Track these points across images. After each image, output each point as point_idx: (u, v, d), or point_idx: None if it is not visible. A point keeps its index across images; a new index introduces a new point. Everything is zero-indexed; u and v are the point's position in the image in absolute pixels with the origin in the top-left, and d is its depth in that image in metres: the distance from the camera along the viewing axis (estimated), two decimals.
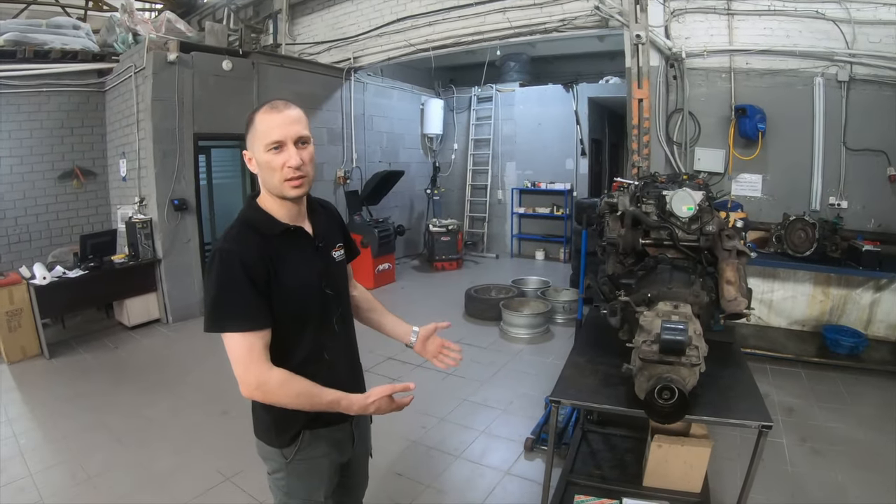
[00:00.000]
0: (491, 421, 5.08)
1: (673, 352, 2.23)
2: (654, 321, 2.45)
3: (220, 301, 1.85)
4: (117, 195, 9.34)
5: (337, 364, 2.15)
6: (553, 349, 6.85)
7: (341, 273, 2.29)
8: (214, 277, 1.85)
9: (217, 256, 1.87)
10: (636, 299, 2.69)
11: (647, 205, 3.07)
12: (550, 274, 10.47)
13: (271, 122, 1.90)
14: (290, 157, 1.88)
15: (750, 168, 7.18)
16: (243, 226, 1.97)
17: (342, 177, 10.88)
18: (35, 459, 4.53)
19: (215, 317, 1.85)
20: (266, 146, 1.89)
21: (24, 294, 6.90)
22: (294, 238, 2.03)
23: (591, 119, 12.49)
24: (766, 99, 7.02)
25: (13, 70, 8.35)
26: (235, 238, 1.92)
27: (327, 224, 2.24)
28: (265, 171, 1.92)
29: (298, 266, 2.01)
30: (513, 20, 8.28)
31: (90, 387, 6.03)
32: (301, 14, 11.35)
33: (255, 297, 1.85)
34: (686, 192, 2.92)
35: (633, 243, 3.04)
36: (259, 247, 1.90)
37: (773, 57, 6.98)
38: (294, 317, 1.98)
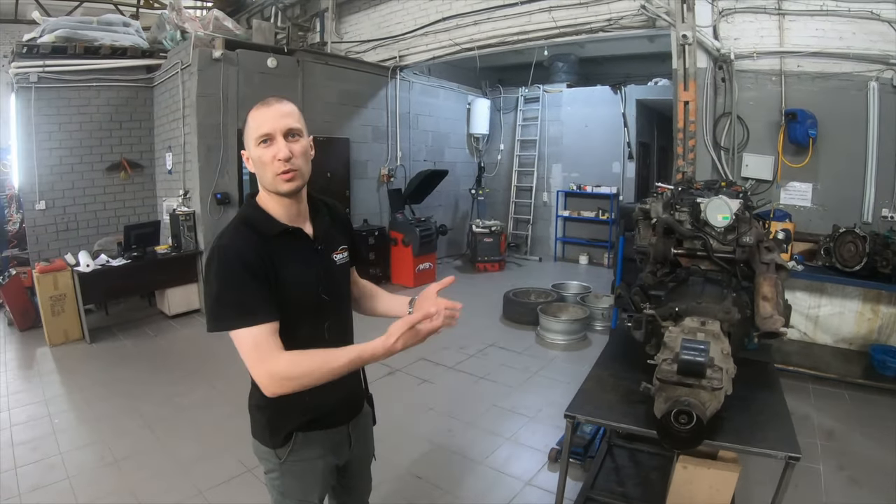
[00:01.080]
0: (518, 428, 4.97)
1: (692, 373, 2.10)
2: (676, 338, 2.33)
3: (223, 298, 1.79)
4: (163, 188, 9.53)
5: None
6: (589, 357, 6.59)
7: (342, 277, 2.21)
8: (214, 274, 1.81)
9: (215, 253, 1.83)
10: (662, 313, 2.56)
11: (681, 212, 2.93)
12: (593, 279, 10.27)
13: (261, 117, 1.87)
14: (279, 150, 1.84)
15: (799, 176, 6.89)
16: (241, 224, 1.93)
17: (386, 175, 10.87)
18: (66, 439, 4.70)
19: (219, 315, 1.79)
20: (256, 140, 1.86)
21: (68, 280, 7.16)
22: (292, 239, 1.97)
23: (639, 122, 12.25)
24: (817, 104, 6.72)
25: (64, 65, 8.59)
26: (233, 235, 1.88)
27: (331, 225, 2.17)
28: (258, 166, 1.90)
29: (295, 268, 1.95)
30: (558, 20, 8.17)
31: (127, 373, 6.18)
32: (348, 13, 11.38)
33: (256, 289, 1.80)
34: (722, 200, 2.78)
35: (664, 253, 2.91)
36: (257, 245, 1.86)
37: (825, 59, 6.69)
38: (286, 318, 1.88)
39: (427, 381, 5.94)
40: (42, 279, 7.02)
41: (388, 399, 5.22)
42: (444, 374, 6.14)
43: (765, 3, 6.83)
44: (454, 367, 6.29)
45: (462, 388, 5.79)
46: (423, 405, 5.35)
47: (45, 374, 6.27)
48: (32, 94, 8.38)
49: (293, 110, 1.93)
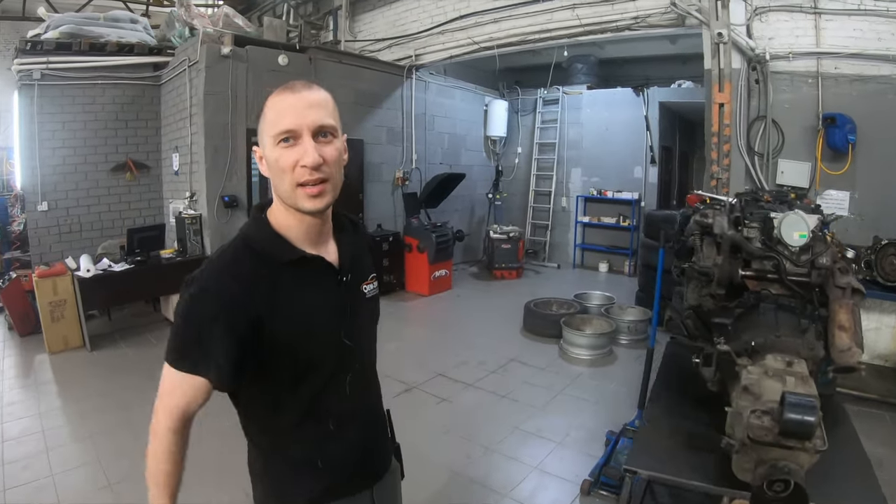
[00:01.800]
0: (544, 455, 4.58)
1: (799, 436, 1.72)
2: (762, 382, 1.96)
3: (181, 336, 1.43)
4: (170, 189, 9.26)
5: (345, 435, 1.66)
6: (616, 374, 6.31)
7: (371, 315, 1.81)
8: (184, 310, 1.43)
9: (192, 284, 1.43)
10: (737, 347, 2.18)
11: (750, 228, 2.56)
12: (614, 288, 9.89)
13: (284, 106, 1.43)
14: (305, 153, 1.41)
15: (837, 184, 6.58)
16: (240, 249, 1.51)
17: (401, 178, 10.59)
18: (59, 459, 4.43)
19: (169, 349, 1.44)
20: (275, 137, 1.42)
21: (68, 285, 6.92)
22: (309, 269, 1.54)
23: (662, 125, 11.88)
24: (855, 107, 6.44)
25: (68, 62, 8.36)
26: (224, 267, 1.47)
27: (357, 246, 1.74)
28: (275, 171, 1.45)
29: (310, 307, 1.53)
30: (582, 17, 7.87)
31: (125, 384, 5.90)
32: (362, 10, 11.17)
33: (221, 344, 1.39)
34: (799, 216, 2.41)
35: (731, 275, 2.52)
36: (255, 279, 1.44)
37: (863, 61, 6.41)
38: (290, 369, 1.52)
39: (445, 399, 5.58)
40: (41, 284, 6.77)
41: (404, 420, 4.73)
42: (462, 392, 5.78)
43: (801, 1, 6.57)
44: (473, 384, 5.93)
45: (482, 408, 5.42)
46: (440, 427, 4.99)
47: (41, 383, 6.04)
48: (35, 92, 8.12)
49: (327, 100, 1.49)
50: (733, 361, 2.14)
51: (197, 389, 1.44)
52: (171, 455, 1.50)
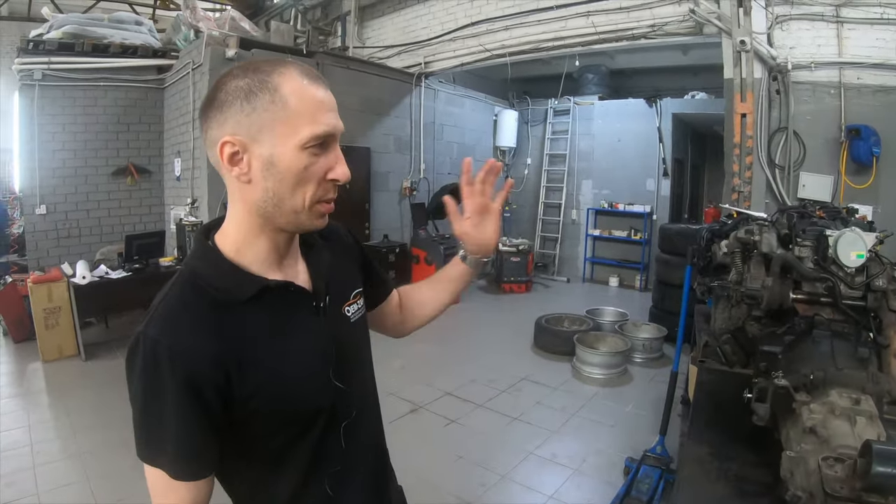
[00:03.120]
0: (560, 483, 4.32)
1: (887, 491, 1.47)
2: (828, 424, 1.71)
3: (145, 426, 1.10)
4: (171, 195, 9.14)
5: (347, 499, 1.37)
6: (632, 395, 6.06)
7: (360, 341, 1.46)
8: (137, 385, 1.08)
9: (139, 348, 1.08)
10: (793, 381, 1.94)
11: (802, 247, 2.32)
12: (626, 303, 9.68)
13: (320, 100, 1.15)
14: (338, 164, 1.17)
15: (860, 198, 6.34)
16: (187, 290, 1.16)
17: (408, 188, 10.45)
18: (46, 477, 4.25)
19: (141, 441, 1.12)
20: (308, 139, 1.11)
21: (63, 292, 6.75)
22: (277, 301, 1.21)
23: (675, 137, 11.67)
24: (879, 119, 6.30)
25: (70, 62, 8.26)
26: (172, 319, 1.11)
27: (333, 260, 1.40)
28: (286, 180, 1.13)
29: (286, 349, 1.21)
30: (597, 25, 7.73)
31: (119, 397, 5.48)
32: (371, 17, 11.07)
33: (190, 426, 1.08)
34: (857, 234, 2.17)
35: (781, 298, 2.27)
36: (211, 331, 1.11)
37: (886, 72, 6.28)
38: (275, 435, 1.22)
39: (454, 421, 5.31)
40: (36, 290, 6.58)
41: (411, 444, 4.65)
42: (472, 413, 5.52)
43: (822, 10, 6.45)
44: (484, 404, 5.68)
45: (494, 430, 5.17)
46: (450, 452, 4.71)
47: (33, 394, 5.92)
48: (36, 93, 8.02)
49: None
50: (790, 397, 1.90)
51: (202, 486, 1.14)
52: None
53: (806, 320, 2.24)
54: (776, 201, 6.60)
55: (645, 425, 5.16)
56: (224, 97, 1.12)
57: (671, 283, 7.48)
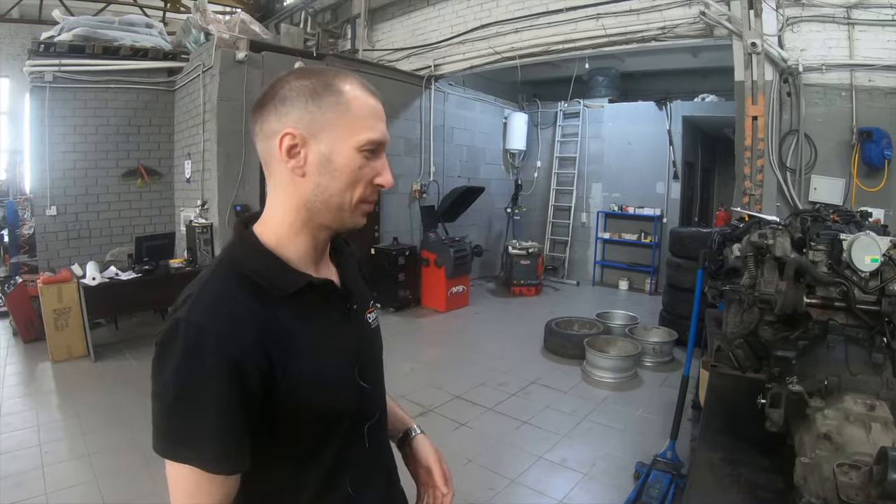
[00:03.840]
0: (570, 488, 4.30)
1: None
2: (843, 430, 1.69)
3: (178, 417, 1.06)
4: (181, 197, 9.15)
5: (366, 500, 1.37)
6: (642, 399, 6.02)
7: (379, 349, 1.52)
8: (174, 373, 1.04)
9: (178, 334, 1.06)
10: (807, 386, 1.91)
11: (816, 251, 2.29)
12: (635, 307, 9.67)
13: (375, 110, 1.21)
14: (385, 171, 1.23)
15: (872, 201, 6.28)
16: (230, 278, 1.16)
17: (418, 190, 10.41)
18: (55, 477, 4.24)
19: (167, 438, 1.07)
20: (364, 142, 1.17)
21: (73, 293, 6.75)
22: (316, 298, 1.24)
23: (685, 140, 11.62)
24: (890, 122, 6.26)
25: (81, 65, 8.29)
26: (216, 305, 1.10)
27: (353, 269, 1.47)
28: (339, 177, 1.18)
29: (323, 347, 1.23)
30: (608, 27, 7.70)
31: (128, 397, 5.68)
32: (381, 19, 11.06)
33: (234, 417, 1.06)
34: (871, 238, 2.14)
35: (795, 303, 2.25)
36: (254, 320, 1.11)
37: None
38: (307, 435, 1.22)
39: (464, 425, 5.30)
40: (46, 291, 6.60)
41: None
42: (482, 416, 5.50)
43: (833, 11, 6.41)
44: (493, 408, 5.66)
45: (503, 434, 5.14)
46: (459, 456, 4.66)
47: (42, 394, 5.91)
48: (47, 95, 8.07)
49: None
50: (804, 403, 1.88)
51: (234, 483, 1.13)
52: None
53: (820, 325, 2.22)
54: (787, 205, 6.57)
55: (655, 430, 5.14)
56: (287, 93, 1.17)
57: (682, 286, 7.45)
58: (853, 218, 2.68)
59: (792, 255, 2.30)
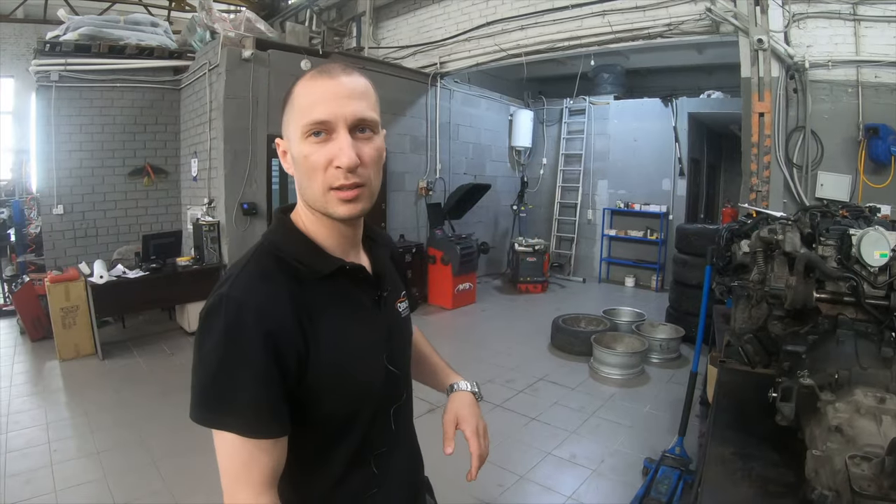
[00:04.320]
0: (579, 484, 4.30)
1: None
2: (854, 422, 1.69)
3: (220, 383, 1.11)
4: (188, 195, 9.16)
5: (391, 481, 1.42)
6: (649, 395, 6.02)
7: (408, 336, 1.58)
8: (216, 345, 1.11)
9: (220, 309, 1.12)
10: (818, 380, 1.92)
11: (825, 246, 2.30)
12: (642, 304, 9.65)
13: (317, 92, 1.18)
14: (340, 151, 1.17)
15: (878, 197, 6.23)
16: (269, 260, 1.24)
17: (424, 188, 10.38)
18: (64, 475, 4.25)
19: (209, 405, 1.12)
20: (304, 128, 1.17)
21: (80, 291, 6.76)
22: (348, 284, 1.31)
23: (691, 136, 11.58)
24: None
25: (87, 64, 8.32)
26: (255, 284, 1.17)
27: (388, 263, 1.52)
28: (302, 169, 1.21)
29: (353, 329, 1.29)
30: (613, 24, 7.68)
31: (137, 396, 5.72)
32: (386, 17, 11.05)
33: (271, 384, 1.12)
34: (880, 233, 2.14)
35: (805, 298, 2.25)
36: (291, 299, 1.18)
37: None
38: (336, 410, 1.26)
39: None
40: (53, 289, 6.61)
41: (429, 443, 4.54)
42: (490, 413, 5.47)
43: (839, 7, 6.35)
44: (501, 404, 5.66)
45: (512, 431, 5.14)
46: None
47: (50, 392, 5.92)
48: (53, 94, 8.09)
49: (368, 89, 1.26)
50: (815, 396, 1.88)
51: (281, 448, 1.18)
52: None
53: (829, 320, 2.23)
54: (794, 201, 6.54)
55: (663, 426, 5.15)
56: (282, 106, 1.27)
57: (688, 283, 7.45)
58: (862, 213, 2.68)
59: (801, 250, 2.31)
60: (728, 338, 2.77)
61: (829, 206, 2.80)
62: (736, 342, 2.61)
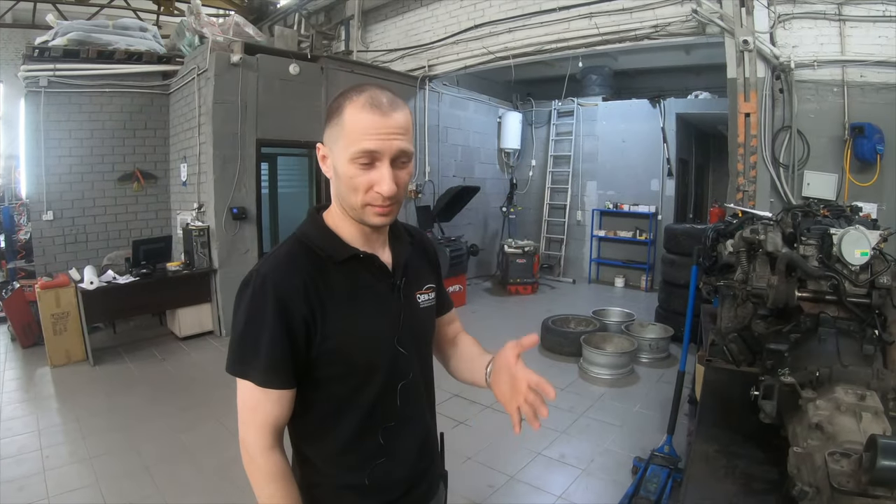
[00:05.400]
0: (569, 483, 4.33)
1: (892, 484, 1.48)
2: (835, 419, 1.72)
3: (244, 340, 1.40)
4: (177, 200, 9.14)
5: (397, 454, 1.57)
6: (639, 395, 6.05)
7: (427, 324, 1.72)
8: (244, 308, 1.41)
9: (252, 280, 1.42)
10: (799, 378, 1.95)
11: (807, 245, 2.33)
12: (631, 304, 9.69)
13: (368, 124, 1.34)
14: (382, 180, 1.36)
15: (864, 196, 6.30)
16: (295, 246, 1.50)
17: (414, 191, 10.38)
18: (56, 481, 4.25)
19: (237, 357, 1.42)
20: (353, 155, 1.35)
21: (71, 297, 6.75)
22: (363, 269, 1.51)
23: (679, 137, 11.62)
24: (882, 117, 6.24)
25: (76, 69, 8.29)
26: (279, 263, 1.44)
27: (414, 258, 1.69)
28: (344, 185, 1.40)
29: (361, 308, 1.49)
30: (600, 26, 7.72)
31: (128, 401, 5.72)
32: (374, 21, 11.07)
33: (281, 344, 1.37)
34: (860, 232, 2.18)
35: (787, 297, 2.29)
36: (307, 278, 1.42)
37: (889, 69, 6.21)
38: (342, 379, 1.47)
39: (462, 423, 5.32)
40: (44, 295, 6.60)
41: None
42: (480, 414, 5.52)
43: (824, 8, 6.40)
44: (491, 405, 5.65)
45: (502, 432, 5.13)
46: (459, 453, 4.67)
47: (42, 399, 5.91)
48: (42, 99, 8.05)
49: (409, 123, 1.42)
50: (796, 394, 1.91)
51: (285, 400, 1.43)
52: (282, 473, 1.44)
53: (811, 318, 2.26)
54: (781, 200, 6.58)
55: (652, 425, 5.18)
56: (327, 113, 1.44)
57: (677, 283, 7.49)
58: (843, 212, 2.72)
59: (783, 249, 2.34)
60: (713, 337, 2.80)
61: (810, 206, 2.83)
62: (720, 341, 2.64)
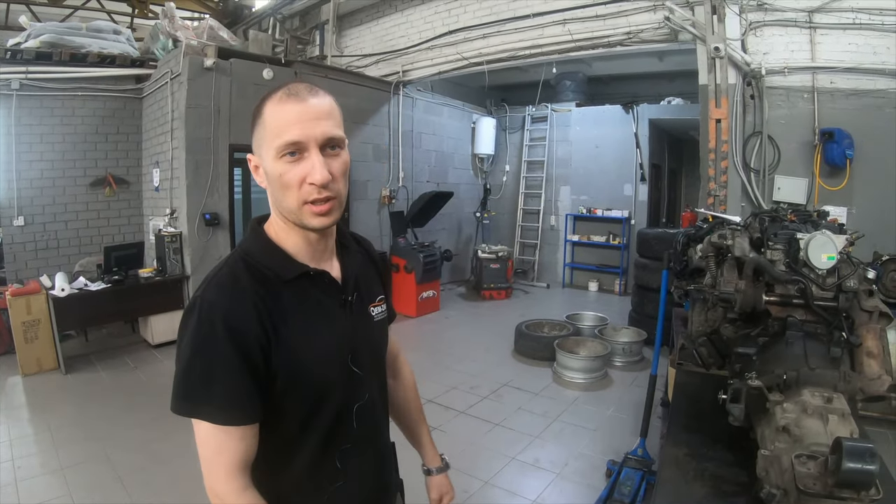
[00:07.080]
0: (543, 488, 4.34)
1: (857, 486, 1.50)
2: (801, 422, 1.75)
3: (191, 376, 1.26)
4: (150, 206, 9.01)
5: (351, 474, 1.52)
6: (612, 398, 6.09)
7: (378, 339, 1.66)
8: (189, 340, 1.27)
9: (195, 309, 1.29)
10: (767, 381, 1.97)
11: (774, 250, 2.36)
12: (605, 308, 9.76)
13: (288, 115, 1.29)
14: (313, 169, 1.28)
15: (835, 200, 6.43)
16: (240, 265, 1.37)
17: (387, 196, 10.38)
18: (28, 491, 4.20)
19: (184, 393, 1.27)
20: (279, 149, 1.29)
21: (42, 305, 6.65)
22: (312, 287, 1.43)
23: (652, 142, 11.74)
24: (851, 122, 6.34)
25: (48, 72, 8.16)
26: (224, 285, 1.32)
27: (363, 268, 1.63)
28: (277, 186, 1.32)
29: (314, 329, 1.40)
30: (574, 33, 7.77)
31: (100, 410, 5.64)
32: (349, 26, 11.05)
33: (240, 376, 1.26)
34: (827, 237, 2.21)
35: (754, 301, 2.31)
36: (257, 300, 1.31)
37: (859, 76, 6.33)
38: (297, 405, 1.38)
39: (436, 428, 5.27)
40: (14, 303, 6.50)
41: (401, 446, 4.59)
42: (454, 420, 5.53)
43: (795, 16, 6.49)
44: (466, 411, 5.69)
45: (476, 437, 5.17)
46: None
47: (13, 408, 5.81)
48: (14, 103, 7.89)
49: (333, 108, 1.36)
50: (764, 397, 1.94)
51: (250, 435, 1.31)
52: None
53: (779, 322, 2.28)
54: (752, 204, 6.66)
55: (626, 428, 5.21)
56: (251, 121, 1.37)
57: (650, 287, 7.55)
58: (810, 217, 2.75)
59: (751, 254, 2.37)
60: (683, 341, 2.82)
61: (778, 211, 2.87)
62: (690, 345, 2.67)
